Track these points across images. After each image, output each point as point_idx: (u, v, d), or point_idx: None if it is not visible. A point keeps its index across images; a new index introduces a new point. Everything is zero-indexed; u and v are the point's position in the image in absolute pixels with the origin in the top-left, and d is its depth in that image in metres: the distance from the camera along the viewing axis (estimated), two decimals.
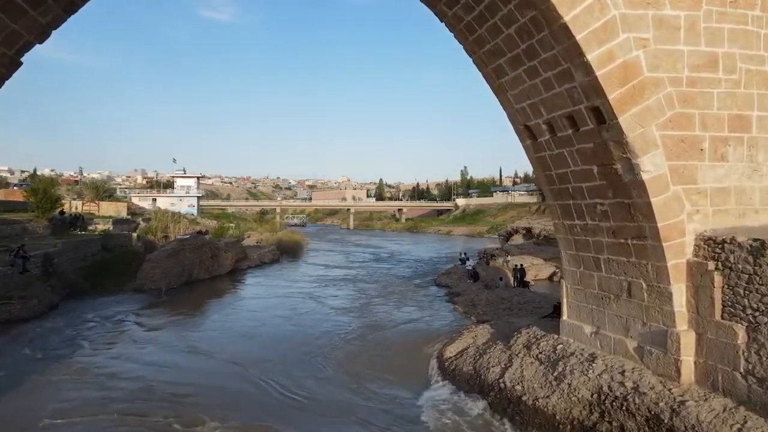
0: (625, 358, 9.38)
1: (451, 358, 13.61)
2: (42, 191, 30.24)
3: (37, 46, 7.71)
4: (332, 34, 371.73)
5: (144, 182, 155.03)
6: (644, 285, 8.94)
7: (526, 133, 10.57)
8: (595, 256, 10.09)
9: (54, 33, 7.84)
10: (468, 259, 31.03)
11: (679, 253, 8.38)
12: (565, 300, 11.36)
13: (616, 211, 9.09)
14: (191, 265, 27.52)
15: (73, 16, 8.01)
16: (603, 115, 8.32)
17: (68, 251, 24.77)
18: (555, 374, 10.17)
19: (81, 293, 22.60)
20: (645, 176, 8.18)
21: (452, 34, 10.38)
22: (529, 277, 24.50)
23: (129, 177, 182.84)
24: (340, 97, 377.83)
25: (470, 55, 10.52)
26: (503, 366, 11.58)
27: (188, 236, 32.69)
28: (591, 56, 7.91)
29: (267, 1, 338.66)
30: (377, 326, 17.82)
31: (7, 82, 7.78)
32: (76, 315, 18.90)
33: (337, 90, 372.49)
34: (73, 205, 39.17)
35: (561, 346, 10.96)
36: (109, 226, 33.55)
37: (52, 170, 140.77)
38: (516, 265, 25.39)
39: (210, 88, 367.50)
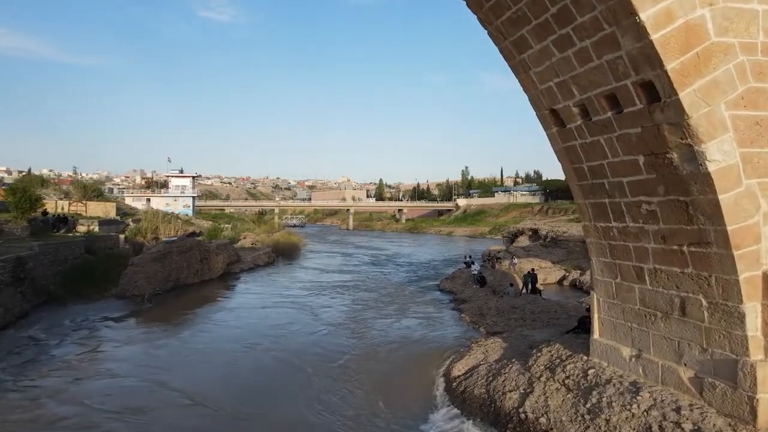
0: (678, 390, 7.70)
1: (459, 377, 12.00)
2: (21, 190, 28.50)
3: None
4: (332, 34, 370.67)
5: (142, 182, 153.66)
6: (704, 302, 7.26)
7: (552, 119, 8.91)
8: (637, 265, 8.41)
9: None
10: (473, 262, 29.34)
11: (753, 264, 6.71)
12: (596, 315, 9.68)
13: (667, 211, 7.42)
14: (178, 269, 25.82)
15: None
16: (657, 92, 6.65)
17: (46, 254, 23.01)
18: (588, 406, 8.52)
19: (57, 300, 20.85)
20: (711, 167, 6.50)
21: (464, 2, 8.74)
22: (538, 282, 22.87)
23: (127, 177, 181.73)
24: (340, 97, 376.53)
25: (485, 27, 8.84)
26: (522, 391, 9.95)
27: (175, 238, 30.92)
28: (645, 15, 6.24)
29: (267, 2, 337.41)
30: (375, 341, 16.06)
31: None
32: (43, 326, 17.02)
33: (337, 90, 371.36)
34: (59, 206, 37.44)
35: (593, 370, 9.29)
36: (95, 227, 31.86)
37: (51, 170, 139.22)
38: (529, 270, 23.70)
39: (210, 89, 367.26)
